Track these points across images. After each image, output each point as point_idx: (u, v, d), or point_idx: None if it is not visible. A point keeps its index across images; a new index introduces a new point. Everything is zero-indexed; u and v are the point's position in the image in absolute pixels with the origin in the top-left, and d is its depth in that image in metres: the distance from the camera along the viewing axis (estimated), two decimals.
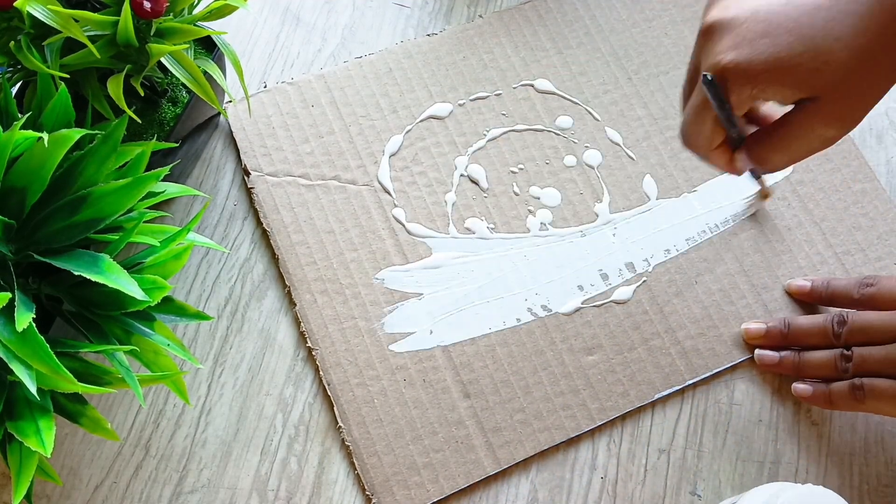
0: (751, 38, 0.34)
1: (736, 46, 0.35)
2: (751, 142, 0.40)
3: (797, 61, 0.34)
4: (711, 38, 0.36)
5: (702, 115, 0.38)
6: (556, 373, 0.50)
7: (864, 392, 0.45)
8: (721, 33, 0.36)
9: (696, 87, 0.39)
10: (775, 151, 0.38)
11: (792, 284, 0.52)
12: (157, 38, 0.42)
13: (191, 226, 0.39)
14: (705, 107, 0.38)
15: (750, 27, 0.35)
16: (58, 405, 0.38)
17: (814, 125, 0.36)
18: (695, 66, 0.39)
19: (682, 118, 0.41)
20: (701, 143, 0.40)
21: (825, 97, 0.35)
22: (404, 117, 0.55)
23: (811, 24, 0.34)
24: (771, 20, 0.34)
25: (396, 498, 0.47)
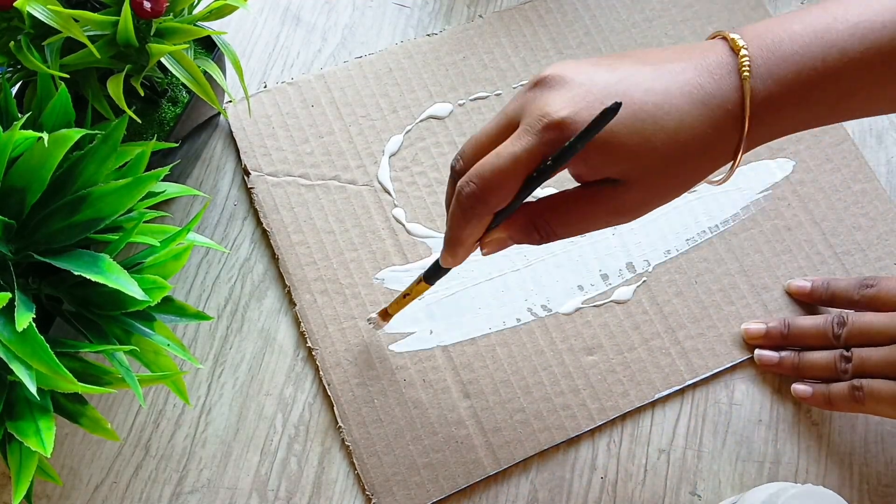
0: (590, 101, 0.33)
1: (572, 104, 0.33)
2: (539, 211, 0.36)
3: (627, 140, 0.33)
4: (546, 91, 0.34)
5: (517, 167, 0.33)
6: (556, 373, 0.50)
7: (863, 393, 0.45)
8: (556, 87, 0.34)
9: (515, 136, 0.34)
10: (564, 225, 0.36)
11: (792, 285, 0.52)
12: (157, 38, 0.42)
13: (191, 226, 0.39)
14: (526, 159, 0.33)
15: (590, 90, 0.33)
16: (58, 405, 0.38)
17: (609, 207, 0.35)
18: (514, 114, 0.35)
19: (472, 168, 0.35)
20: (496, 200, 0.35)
21: (632, 182, 0.34)
22: (404, 117, 0.55)
23: (644, 108, 0.33)
24: (609, 89, 0.33)
25: (396, 498, 0.47)
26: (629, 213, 0.36)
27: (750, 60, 0.34)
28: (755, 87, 0.34)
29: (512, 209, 0.35)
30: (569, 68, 0.35)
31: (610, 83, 0.34)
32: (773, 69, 0.34)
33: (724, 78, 0.34)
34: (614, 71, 0.35)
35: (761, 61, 0.34)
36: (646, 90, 0.34)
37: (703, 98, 0.34)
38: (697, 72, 0.34)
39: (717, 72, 0.34)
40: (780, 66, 0.34)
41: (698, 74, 0.34)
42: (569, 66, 0.35)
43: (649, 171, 0.34)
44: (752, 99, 0.34)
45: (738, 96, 0.34)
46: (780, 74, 0.34)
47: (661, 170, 0.34)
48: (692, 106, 0.34)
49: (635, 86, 0.34)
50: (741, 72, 0.34)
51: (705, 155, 0.35)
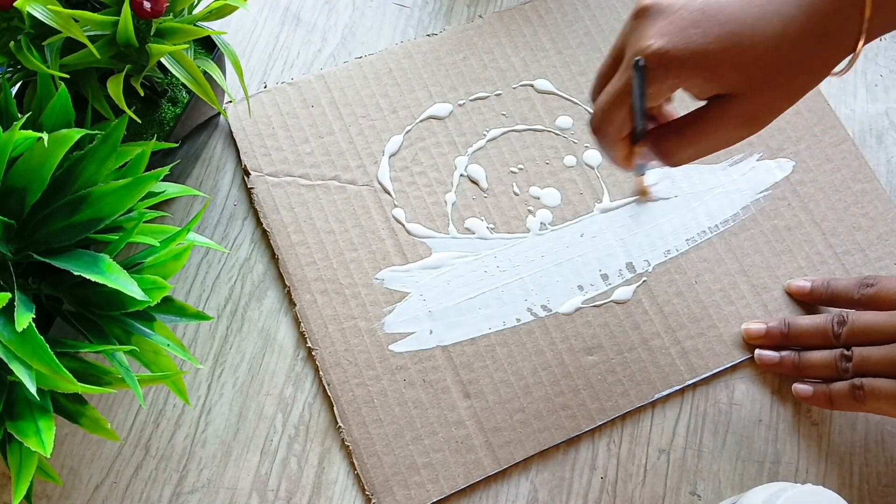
0: (682, 27, 0.34)
1: (666, 33, 0.34)
2: (659, 134, 0.39)
3: (723, 55, 0.34)
4: (642, 22, 0.36)
5: (620, 101, 0.37)
6: (555, 373, 0.50)
7: (864, 392, 0.45)
8: (653, 18, 0.35)
9: (618, 70, 0.37)
10: (683, 145, 0.38)
11: (792, 285, 0.52)
12: (157, 38, 0.42)
13: (191, 226, 0.39)
14: (626, 92, 0.37)
15: (683, 15, 0.34)
16: (58, 405, 0.38)
17: (726, 123, 0.36)
18: (620, 48, 0.38)
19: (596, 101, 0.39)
20: (612, 131, 0.39)
21: (740, 96, 0.35)
22: (404, 117, 0.55)
23: (742, 19, 0.34)
24: (705, 10, 0.34)
25: (396, 498, 0.47)
26: (748, 123, 0.36)
27: None
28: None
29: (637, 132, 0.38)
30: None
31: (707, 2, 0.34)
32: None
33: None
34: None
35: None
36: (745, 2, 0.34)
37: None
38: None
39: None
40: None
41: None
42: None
43: (756, 80, 0.34)
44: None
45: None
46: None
47: (770, 76, 0.34)
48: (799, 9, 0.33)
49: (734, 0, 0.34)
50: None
51: (815, 55, 0.34)
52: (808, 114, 0.57)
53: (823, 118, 0.57)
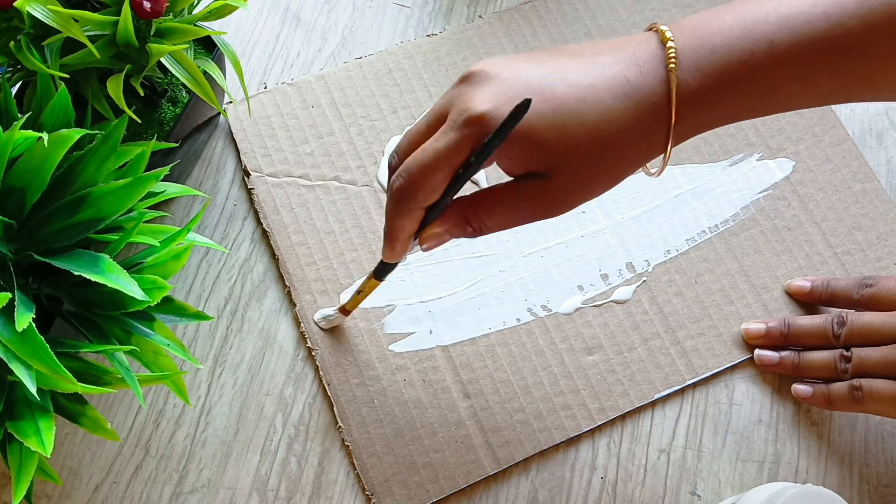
0: (511, 96, 0.33)
1: (494, 99, 0.33)
2: (472, 201, 0.37)
3: (546, 134, 0.33)
4: (470, 86, 0.35)
5: (441, 162, 0.34)
6: (555, 373, 0.50)
7: (863, 393, 0.45)
8: (483, 83, 0.34)
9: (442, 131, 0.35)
10: (493, 216, 0.36)
11: (792, 285, 0.52)
12: (157, 38, 0.42)
13: (191, 226, 0.39)
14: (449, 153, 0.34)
15: (512, 86, 0.34)
16: (58, 405, 0.38)
17: (539, 199, 0.35)
18: (442, 110, 0.36)
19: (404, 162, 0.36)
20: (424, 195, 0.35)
21: (556, 176, 0.34)
22: (404, 118, 0.55)
23: (567, 99, 0.33)
24: (534, 85, 0.34)
25: (396, 498, 0.47)
26: (555, 205, 0.36)
27: (677, 52, 0.34)
28: (682, 79, 0.34)
29: (443, 205, 0.36)
30: (497, 64, 0.35)
31: (535, 78, 0.34)
32: (701, 61, 0.34)
33: (652, 70, 0.34)
34: (543, 65, 0.35)
35: (690, 52, 0.34)
36: (570, 84, 0.34)
37: (628, 91, 0.34)
38: (626, 65, 0.34)
39: (644, 65, 0.34)
40: (707, 57, 0.34)
41: (626, 68, 0.34)
42: (498, 62, 0.35)
43: (571, 164, 0.34)
44: (678, 90, 0.34)
45: (665, 88, 0.34)
46: (707, 66, 0.34)
47: (584, 163, 0.34)
48: (616, 99, 0.34)
49: (560, 80, 0.34)
50: (668, 63, 0.34)
51: (632, 147, 0.35)
52: (809, 114, 0.57)
53: (823, 118, 0.57)
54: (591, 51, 0.35)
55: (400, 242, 0.38)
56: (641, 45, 0.35)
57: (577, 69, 0.34)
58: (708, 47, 0.34)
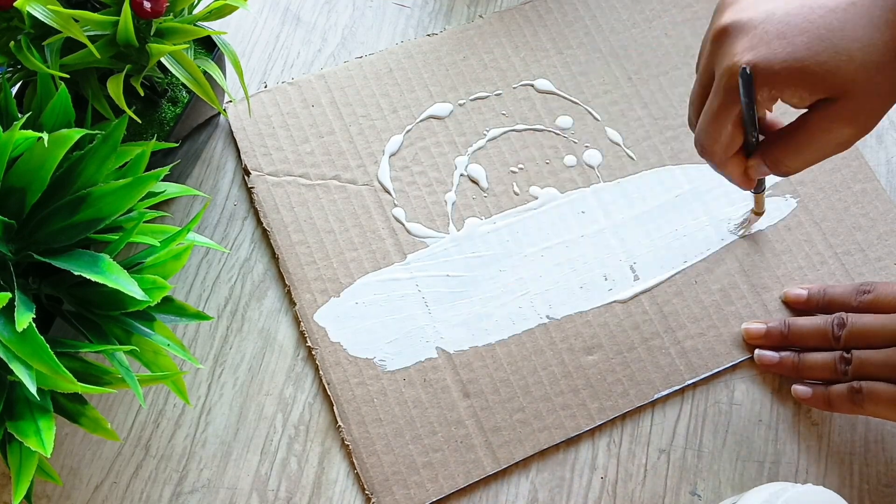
0: (767, 40, 0.34)
1: (753, 47, 0.35)
2: (766, 145, 0.39)
3: (815, 60, 0.34)
4: (726, 41, 0.36)
5: (722, 119, 0.38)
6: (555, 372, 0.50)
7: (862, 395, 0.45)
8: (736, 35, 0.36)
9: (713, 91, 0.38)
10: (792, 154, 0.38)
11: (789, 294, 0.51)
12: (157, 38, 0.42)
13: (191, 226, 0.39)
14: (726, 109, 0.37)
15: (766, 28, 0.35)
16: (58, 405, 0.38)
17: (831, 126, 0.36)
18: (708, 71, 0.38)
19: (696, 126, 0.40)
20: (719, 149, 0.39)
21: (842, 97, 0.35)
22: (404, 117, 0.55)
23: (827, 25, 0.34)
24: (788, 21, 0.35)
25: (396, 497, 0.47)
26: (853, 122, 0.36)
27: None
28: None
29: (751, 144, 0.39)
30: (744, 8, 0.36)
31: (788, 13, 0.35)
32: None
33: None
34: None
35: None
36: (829, 9, 0.34)
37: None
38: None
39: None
40: None
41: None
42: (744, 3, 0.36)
43: (854, 80, 0.34)
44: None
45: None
46: None
47: (867, 77, 0.34)
48: (884, 10, 0.34)
49: (817, 7, 0.35)
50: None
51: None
52: None
53: None
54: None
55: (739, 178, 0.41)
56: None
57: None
58: None
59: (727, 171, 0.41)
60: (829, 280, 0.52)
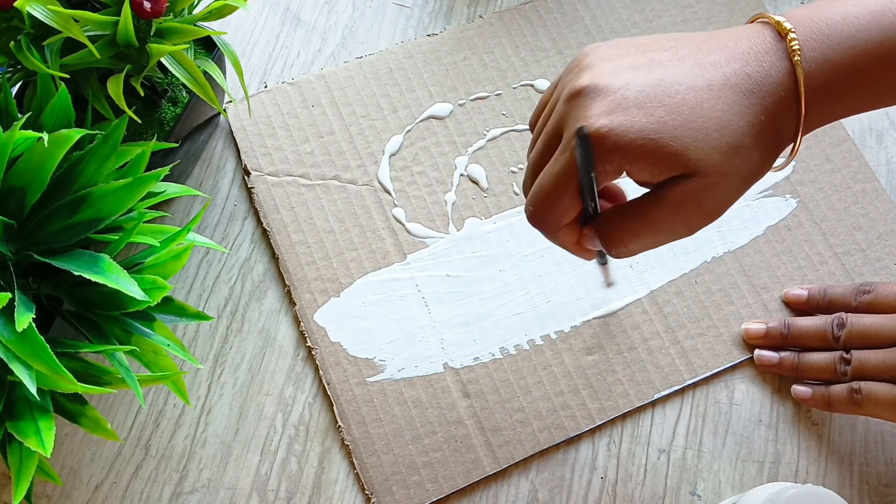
0: (626, 107, 0.32)
1: (609, 112, 0.32)
2: (606, 220, 0.36)
3: (671, 135, 0.32)
4: (581, 102, 0.33)
5: (563, 183, 0.34)
6: (555, 372, 0.50)
7: (861, 396, 0.45)
8: (592, 98, 0.33)
9: (558, 152, 0.34)
10: (631, 235, 0.35)
11: (789, 294, 0.51)
12: (157, 38, 0.42)
13: (191, 226, 0.39)
14: (569, 173, 0.34)
15: (625, 95, 0.33)
16: (58, 405, 0.38)
17: (678, 208, 0.34)
18: (555, 131, 0.35)
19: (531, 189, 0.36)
20: (555, 218, 0.35)
21: (693, 177, 0.33)
22: (404, 117, 0.55)
23: (687, 102, 0.33)
24: (647, 92, 0.33)
25: (396, 497, 0.47)
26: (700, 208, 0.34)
27: (799, 44, 0.33)
28: (809, 71, 0.33)
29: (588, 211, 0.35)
30: (604, 73, 0.34)
31: (648, 84, 0.33)
32: (828, 52, 0.33)
33: (774, 64, 0.33)
34: (651, 70, 0.34)
35: (815, 45, 0.33)
36: (689, 87, 0.33)
37: (751, 86, 0.33)
38: (743, 61, 0.33)
39: (764, 59, 0.33)
40: (834, 49, 0.33)
41: (744, 64, 0.33)
42: (604, 69, 0.34)
43: (708, 161, 0.33)
44: (805, 83, 0.33)
45: (791, 82, 0.33)
46: (834, 58, 0.33)
47: (721, 159, 0.33)
48: (740, 95, 0.33)
49: (675, 83, 0.33)
50: (791, 56, 0.33)
51: (764, 142, 0.34)
52: None
53: None
54: (696, 48, 0.34)
55: (573, 249, 0.38)
56: (756, 39, 0.34)
57: (688, 71, 0.34)
58: (833, 38, 0.33)
59: (559, 241, 0.37)
60: (829, 280, 0.52)
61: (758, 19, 0.35)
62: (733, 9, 0.59)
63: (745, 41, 0.34)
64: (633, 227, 0.35)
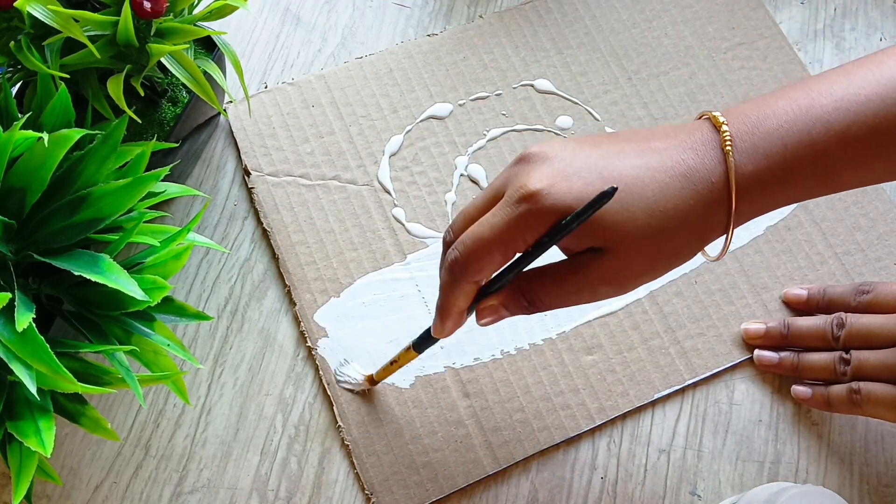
0: (567, 175, 0.34)
1: (550, 177, 0.34)
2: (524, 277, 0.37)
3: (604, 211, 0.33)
4: (525, 167, 0.35)
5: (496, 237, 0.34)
6: (555, 372, 0.50)
7: (861, 396, 0.45)
8: (539, 163, 0.35)
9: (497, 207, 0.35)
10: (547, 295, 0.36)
11: (789, 294, 0.52)
12: (157, 38, 0.42)
13: (191, 226, 0.39)
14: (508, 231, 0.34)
15: (568, 164, 0.34)
16: (58, 405, 0.38)
17: (589, 277, 0.35)
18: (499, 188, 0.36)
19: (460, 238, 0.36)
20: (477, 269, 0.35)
21: (613, 253, 0.34)
22: (404, 117, 0.55)
23: (623, 178, 0.34)
24: (587, 165, 0.34)
25: (396, 497, 0.47)
26: (613, 282, 0.36)
27: (731, 136, 0.35)
28: (739, 162, 0.34)
29: (504, 282, 0.36)
30: (553, 147, 0.36)
31: (591, 158, 0.35)
32: (759, 143, 0.34)
33: (708, 154, 0.35)
34: (597, 147, 0.36)
35: (746, 136, 0.35)
36: (627, 165, 0.35)
37: (687, 172, 0.34)
38: (681, 149, 0.35)
39: (700, 148, 0.35)
40: (765, 140, 0.34)
41: (682, 151, 0.35)
42: (554, 144, 0.36)
43: (631, 239, 0.34)
44: (736, 173, 0.34)
45: (723, 170, 0.34)
46: (765, 149, 0.34)
47: (644, 239, 0.34)
48: (674, 179, 0.34)
49: (617, 160, 0.35)
50: (724, 147, 0.34)
51: (692, 228, 0.35)
52: None
53: None
54: (643, 136, 0.36)
55: (452, 318, 0.38)
56: (695, 131, 0.36)
57: (632, 151, 0.35)
58: (763, 131, 0.35)
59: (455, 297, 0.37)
60: (829, 280, 0.52)
61: (703, 116, 0.37)
62: (733, 9, 0.59)
63: (685, 132, 0.36)
64: (547, 287, 0.36)
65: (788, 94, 0.36)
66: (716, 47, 0.58)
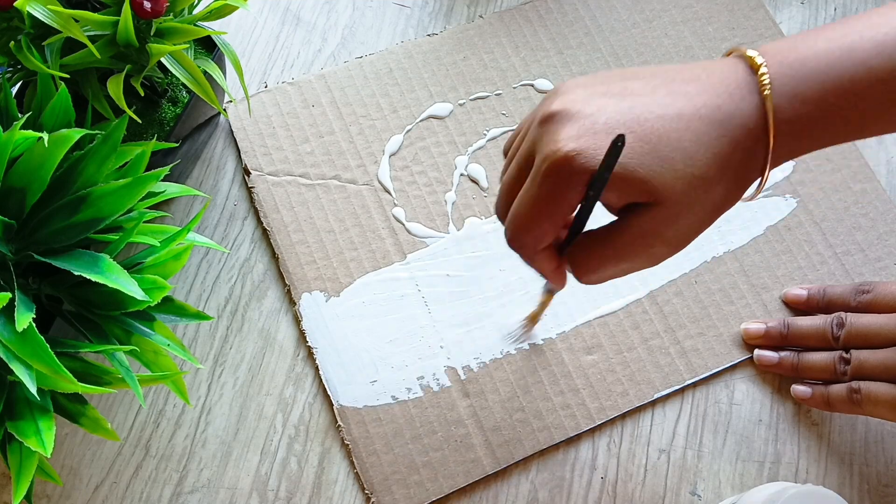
0: (595, 131, 0.33)
1: (578, 137, 0.32)
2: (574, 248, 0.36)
3: (638, 161, 0.32)
4: (552, 126, 0.34)
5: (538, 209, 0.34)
6: (555, 372, 0.50)
7: (861, 396, 0.45)
8: (563, 122, 0.33)
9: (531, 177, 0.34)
10: (600, 262, 0.35)
11: (789, 294, 0.52)
12: (157, 38, 0.42)
13: (191, 226, 0.39)
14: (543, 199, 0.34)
15: (595, 120, 0.33)
16: (58, 405, 0.38)
17: (642, 237, 0.34)
18: (527, 155, 0.35)
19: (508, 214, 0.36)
20: (533, 242, 0.35)
21: (656, 205, 0.33)
22: (404, 117, 0.55)
23: (655, 130, 0.33)
24: (617, 119, 0.33)
25: (395, 497, 0.47)
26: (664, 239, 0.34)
27: (770, 79, 0.33)
28: (778, 106, 0.33)
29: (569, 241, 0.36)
30: (576, 100, 0.34)
31: (619, 111, 0.33)
32: (798, 87, 0.33)
33: (745, 98, 0.33)
34: (623, 98, 0.34)
35: (786, 79, 0.33)
36: (659, 116, 0.33)
37: (721, 118, 0.33)
38: (714, 93, 0.34)
39: (736, 92, 0.34)
40: (804, 83, 0.33)
41: (716, 95, 0.34)
42: (576, 97, 0.34)
43: (673, 190, 0.33)
44: (775, 117, 0.33)
45: (760, 115, 0.33)
46: (804, 93, 0.33)
47: (688, 188, 0.33)
48: (710, 126, 0.33)
49: (646, 111, 0.33)
50: (762, 91, 0.33)
51: (731, 175, 0.34)
52: None
53: None
54: (671, 78, 0.35)
55: (552, 277, 0.37)
56: (728, 72, 0.34)
57: (660, 100, 0.34)
58: (803, 73, 0.33)
59: (537, 266, 0.37)
60: (829, 280, 0.52)
61: (733, 53, 0.36)
62: (733, 9, 0.59)
63: (717, 74, 0.34)
64: (599, 254, 0.35)
65: (827, 33, 0.34)
66: (716, 47, 0.58)
